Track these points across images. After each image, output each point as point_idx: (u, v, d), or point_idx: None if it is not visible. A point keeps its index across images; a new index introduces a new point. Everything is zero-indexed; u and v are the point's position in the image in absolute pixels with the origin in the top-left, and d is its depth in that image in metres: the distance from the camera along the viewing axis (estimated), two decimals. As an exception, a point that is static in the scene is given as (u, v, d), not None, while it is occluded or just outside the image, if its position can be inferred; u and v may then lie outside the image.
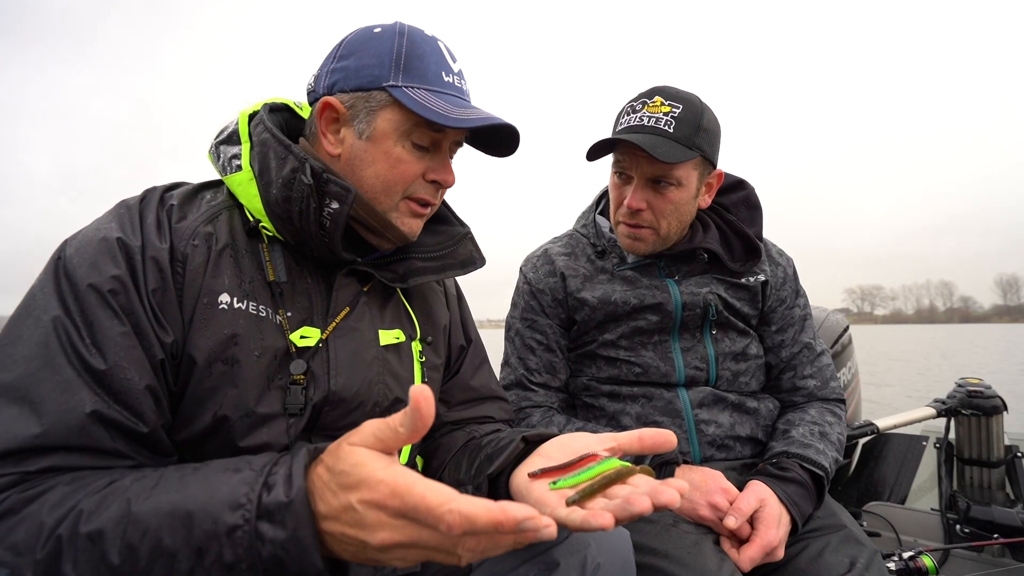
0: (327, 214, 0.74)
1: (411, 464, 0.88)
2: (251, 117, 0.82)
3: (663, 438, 0.61)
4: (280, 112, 0.86)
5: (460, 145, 0.85)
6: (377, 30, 0.78)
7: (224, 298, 0.70)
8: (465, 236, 0.93)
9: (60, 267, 0.64)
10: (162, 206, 0.73)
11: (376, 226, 0.80)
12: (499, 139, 0.85)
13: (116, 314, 0.63)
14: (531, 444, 0.72)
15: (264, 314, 0.73)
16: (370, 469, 0.47)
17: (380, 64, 0.75)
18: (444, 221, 0.95)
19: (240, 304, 0.71)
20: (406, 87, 0.75)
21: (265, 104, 0.83)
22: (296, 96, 0.89)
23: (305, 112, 0.87)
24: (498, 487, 0.72)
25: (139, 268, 0.66)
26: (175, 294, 0.68)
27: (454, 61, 0.81)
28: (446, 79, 0.78)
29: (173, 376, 0.67)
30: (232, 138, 0.81)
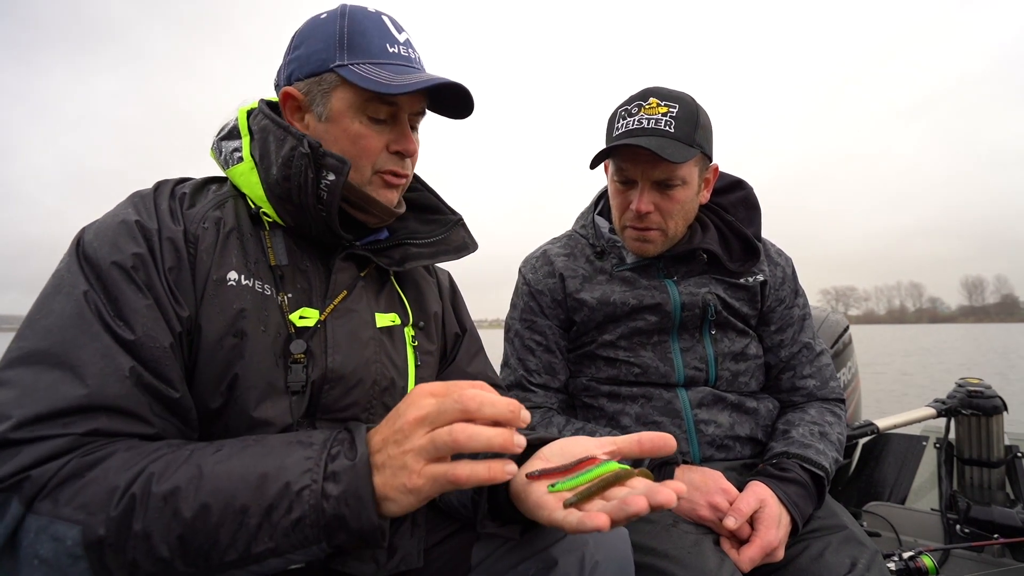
0: (324, 186, 0.77)
1: None
2: (249, 114, 0.85)
3: (662, 441, 0.61)
4: (276, 109, 0.89)
5: (422, 114, 0.87)
6: (323, 16, 0.82)
7: (232, 275, 0.73)
8: (457, 223, 0.96)
9: (80, 251, 0.67)
10: (173, 196, 0.77)
11: (359, 201, 0.83)
12: (457, 102, 0.86)
13: (140, 288, 0.65)
14: (530, 447, 0.72)
15: (268, 292, 0.76)
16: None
17: (326, 47, 0.79)
18: (437, 211, 0.98)
19: (247, 282, 0.74)
20: (351, 64, 0.77)
21: (262, 100, 0.87)
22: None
23: None
24: (497, 490, 0.72)
25: (156, 248, 0.69)
26: (189, 272, 0.71)
27: (399, 32, 0.83)
28: (391, 50, 0.80)
29: (187, 350, 0.70)
30: (232, 133, 0.85)
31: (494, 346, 1.21)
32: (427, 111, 0.87)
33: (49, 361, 0.58)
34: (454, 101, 0.85)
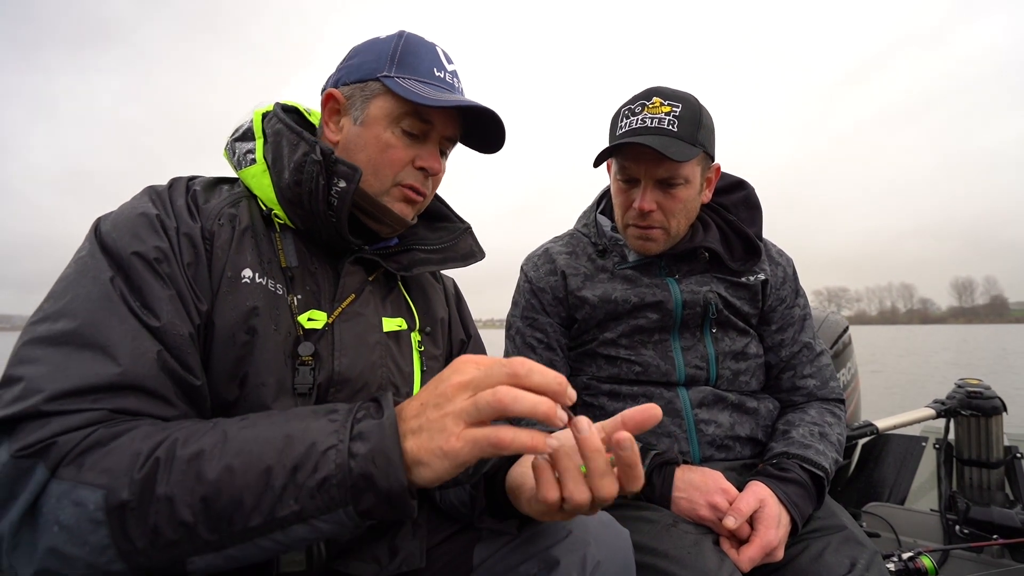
0: (335, 193, 0.77)
1: None
2: (264, 117, 0.86)
3: (646, 414, 0.59)
4: (290, 113, 0.90)
5: (453, 142, 0.89)
6: (383, 36, 0.86)
7: (247, 272, 0.74)
8: (465, 231, 0.97)
9: (100, 240, 0.67)
10: (188, 192, 0.78)
11: (372, 210, 0.84)
12: (488, 135, 0.88)
13: (162, 279, 0.66)
14: None
15: (280, 292, 0.77)
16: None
17: (378, 59, 0.82)
18: (445, 219, 1.00)
19: (261, 280, 0.75)
20: (398, 77, 0.80)
21: (277, 104, 0.88)
22: (310, 103, 0.95)
23: (314, 117, 0.93)
24: (495, 485, 0.73)
25: (175, 243, 0.70)
26: (206, 268, 0.72)
27: (449, 63, 0.87)
28: (437, 74, 0.84)
29: (202, 344, 0.70)
30: (247, 135, 0.85)
31: (492, 346, 1.21)
32: (458, 142, 0.90)
33: (78, 341, 0.59)
34: (487, 133, 0.88)
